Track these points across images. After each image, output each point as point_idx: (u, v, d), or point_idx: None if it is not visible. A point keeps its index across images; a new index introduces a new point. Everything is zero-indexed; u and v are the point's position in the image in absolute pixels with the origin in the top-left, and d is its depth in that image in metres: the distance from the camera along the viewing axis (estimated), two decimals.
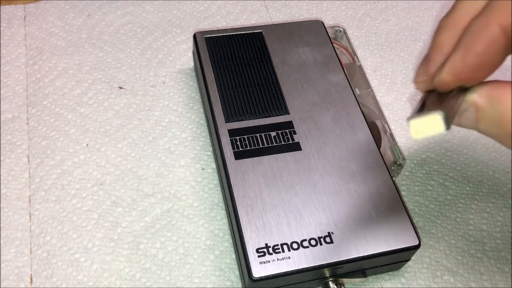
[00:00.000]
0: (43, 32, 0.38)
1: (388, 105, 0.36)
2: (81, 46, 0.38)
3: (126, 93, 0.36)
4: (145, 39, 0.39)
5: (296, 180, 0.28)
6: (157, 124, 0.34)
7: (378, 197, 0.28)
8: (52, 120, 0.34)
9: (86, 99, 0.35)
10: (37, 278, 0.28)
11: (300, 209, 0.27)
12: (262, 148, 0.29)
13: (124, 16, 0.40)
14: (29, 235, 0.29)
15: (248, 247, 0.25)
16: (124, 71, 0.37)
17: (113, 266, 0.28)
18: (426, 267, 0.29)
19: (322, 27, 0.35)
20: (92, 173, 0.32)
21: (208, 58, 0.33)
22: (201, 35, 0.34)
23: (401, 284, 0.29)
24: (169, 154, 0.33)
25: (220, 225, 0.30)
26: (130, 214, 0.30)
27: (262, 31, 0.35)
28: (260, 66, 0.33)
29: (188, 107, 0.35)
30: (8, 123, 0.33)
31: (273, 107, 0.31)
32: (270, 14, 0.41)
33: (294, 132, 0.30)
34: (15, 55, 0.37)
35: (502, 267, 0.30)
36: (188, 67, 0.37)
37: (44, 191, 0.31)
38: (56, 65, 0.37)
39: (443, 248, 0.30)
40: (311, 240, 0.26)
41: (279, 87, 0.32)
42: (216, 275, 0.28)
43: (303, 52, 0.34)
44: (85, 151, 0.33)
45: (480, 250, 0.30)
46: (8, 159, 0.32)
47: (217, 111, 0.30)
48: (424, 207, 0.32)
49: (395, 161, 0.31)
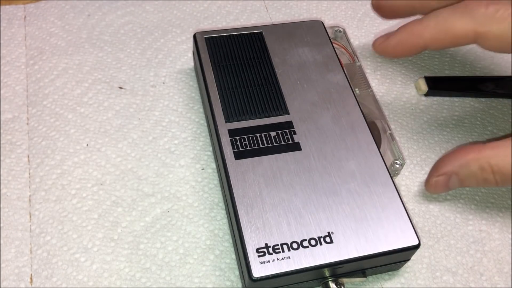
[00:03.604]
0: (43, 32, 0.38)
1: (388, 105, 0.36)
2: (81, 46, 0.38)
3: (126, 93, 0.36)
4: (145, 39, 0.39)
5: (296, 180, 0.28)
6: (157, 124, 0.34)
7: (378, 197, 0.28)
8: (52, 120, 0.34)
9: (86, 99, 0.35)
10: (37, 278, 0.28)
11: (300, 209, 0.27)
12: (262, 148, 0.29)
13: (124, 16, 0.40)
14: (29, 235, 0.29)
15: (248, 247, 0.25)
16: (124, 71, 0.37)
17: (113, 266, 0.28)
18: (426, 267, 0.29)
19: (322, 27, 0.35)
20: (92, 173, 0.32)
21: (208, 58, 0.33)
22: (201, 35, 0.34)
23: (401, 284, 0.29)
24: (169, 154, 0.33)
25: (220, 225, 0.30)
26: (130, 214, 0.30)
27: (262, 31, 0.35)
28: (260, 66, 0.33)
29: (188, 107, 0.35)
30: (8, 123, 0.34)
31: (273, 107, 0.31)
32: (270, 14, 0.41)
33: (294, 132, 0.30)
34: (15, 55, 0.37)
35: (502, 267, 0.30)
36: (188, 67, 0.37)
37: (44, 191, 0.31)
38: (56, 65, 0.37)
39: (443, 248, 0.30)
40: (311, 240, 0.26)
41: (279, 87, 0.32)
42: (216, 275, 0.28)
43: (303, 52, 0.34)
44: (85, 151, 0.33)
45: (480, 251, 0.30)
46: (8, 159, 0.32)
47: (217, 111, 0.30)
48: (424, 207, 0.32)
49: (395, 161, 0.31)
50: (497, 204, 0.32)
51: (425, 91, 0.37)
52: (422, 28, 0.28)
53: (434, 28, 0.28)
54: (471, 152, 0.27)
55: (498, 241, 0.31)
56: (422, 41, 0.28)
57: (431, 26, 0.28)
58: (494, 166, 0.26)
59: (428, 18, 0.28)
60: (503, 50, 0.27)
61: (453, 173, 0.28)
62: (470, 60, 0.39)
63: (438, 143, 0.35)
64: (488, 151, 0.27)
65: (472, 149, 0.27)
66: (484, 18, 0.26)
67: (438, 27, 0.28)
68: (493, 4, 0.26)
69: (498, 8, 0.26)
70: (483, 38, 0.27)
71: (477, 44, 0.27)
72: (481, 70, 0.39)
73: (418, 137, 0.35)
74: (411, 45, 0.29)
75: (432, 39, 0.28)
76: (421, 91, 0.37)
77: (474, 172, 0.27)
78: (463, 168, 0.27)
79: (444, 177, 0.28)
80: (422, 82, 0.37)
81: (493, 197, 0.33)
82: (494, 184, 0.27)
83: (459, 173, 0.28)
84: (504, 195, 0.33)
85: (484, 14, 0.26)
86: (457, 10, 0.27)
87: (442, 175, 0.28)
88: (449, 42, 0.28)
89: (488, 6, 0.26)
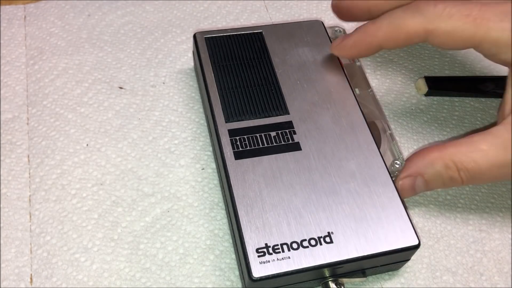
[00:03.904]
0: (43, 32, 0.38)
1: (388, 105, 0.36)
2: (81, 46, 0.38)
3: (126, 93, 0.36)
4: (145, 39, 0.39)
5: (296, 180, 0.28)
6: (157, 124, 0.34)
7: (377, 197, 0.28)
8: (52, 120, 0.34)
9: (86, 99, 0.35)
10: (37, 278, 0.28)
11: (300, 209, 0.27)
12: (262, 148, 0.29)
13: (124, 16, 0.40)
14: (29, 235, 0.29)
15: (248, 247, 0.25)
16: (124, 71, 0.37)
17: (113, 266, 0.28)
18: (426, 267, 0.29)
19: (322, 27, 0.35)
20: (92, 173, 0.32)
21: (208, 58, 0.33)
22: (201, 35, 0.34)
23: (401, 284, 0.29)
24: (169, 154, 0.33)
25: (220, 225, 0.30)
26: (130, 214, 0.30)
27: (262, 31, 0.35)
28: (260, 66, 0.33)
29: (188, 107, 0.35)
30: (8, 123, 0.34)
31: (273, 107, 0.31)
32: (270, 14, 0.41)
33: (294, 132, 0.30)
34: (15, 55, 0.37)
35: (502, 267, 0.30)
36: (188, 67, 0.37)
37: (44, 191, 0.31)
38: (56, 65, 0.37)
39: (443, 248, 0.30)
40: (311, 240, 0.26)
41: (279, 87, 0.32)
42: (216, 275, 0.28)
43: (303, 52, 0.34)
44: (85, 151, 0.33)
45: (480, 251, 0.30)
46: (8, 159, 0.32)
47: (217, 111, 0.30)
48: (424, 207, 0.32)
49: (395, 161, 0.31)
50: (497, 204, 0.32)
51: (425, 91, 0.37)
52: (376, 28, 0.30)
53: (387, 27, 0.29)
54: (434, 151, 0.28)
55: (498, 241, 0.31)
56: (377, 40, 0.30)
57: (384, 25, 0.29)
58: (458, 163, 0.27)
59: (381, 18, 0.30)
60: (451, 46, 0.29)
61: (418, 174, 0.28)
62: (470, 60, 0.39)
63: (440, 141, 0.35)
64: (450, 149, 0.27)
65: (435, 149, 0.28)
66: (433, 15, 0.28)
67: (391, 26, 0.29)
68: (441, 3, 0.28)
69: (445, 6, 0.28)
70: (432, 34, 0.28)
71: (428, 42, 0.29)
72: (481, 70, 0.39)
73: (418, 137, 0.35)
74: (366, 44, 0.30)
75: (386, 37, 0.29)
76: (421, 91, 0.37)
77: (439, 171, 0.27)
78: (428, 167, 0.28)
79: (410, 180, 0.28)
80: (422, 82, 0.37)
81: (493, 197, 0.33)
82: (460, 182, 0.27)
83: (424, 173, 0.28)
84: (504, 195, 0.33)
85: (433, 12, 0.28)
86: (408, 9, 0.29)
87: (407, 177, 0.28)
88: (402, 40, 0.29)
89: (437, 4, 0.28)
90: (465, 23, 0.27)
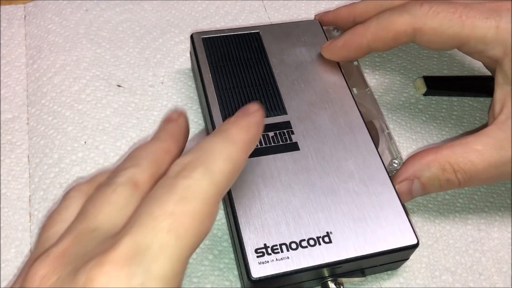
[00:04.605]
0: (42, 30, 0.38)
1: (387, 105, 0.36)
2: (78, 41, 0.38)
3: (125, 91, 0.36)
4: (144, 38, 0.39)
5: (295, 180, 0.28)
6: (156, 123, 0.34)
7: (376, 197, 0.28)
8: (50, 118, 0.34)
9: (84, 95, 0.35)
10: None
11: (298, 209, 0.27)
12: (260, 148, 0.29)
13: (122, 13, 0.40)
14: (29, 235, 0.29)
15: (247, 248, 0.25)
16: (122, 69, 0.37)
17: None
18: (425, 267, 0.29)
19: (319, 27, 0.35)
20: (90, 171, 0.32)
21: (205, 59, 0.33)
22: (198, 36, 0.34)
23: (400, 284, 0.29)
24: None
25: (219, 225, 0.30)
26: None
27: (259, 31, 0.35)
28: (258, 66, 0.33)
29: (187, 107, 0.35)
30: (8, 123, 0.34)
31: (271, 107, 0.31)
32: (269, 14, 0.41)
33: (292, 132, 0.30)
34: (15, 55, 0.37)
35: (501, 267, 0.30)
36: (186, 67, 0.37)
37: (43, 190, 0.31)
38: (54, 62, 0.36)
39: (442, 248, 0.30)
40: (309, 240, 0.26)
41: (277, 87, 0.32)
42: (215, 275, 0.28)
43: (300, 52, 0.34)
44: (83, 148, 0.33)
45: (479, 250, 0.30)
46: (8, 159, 0.32)
47: (215, 111, 0.30)
48: (423, 206, 0.32)
49: (393, 160, 0.31)
50: (496, 204, 0.32)
51: (423, 91, 0.37)
52: (365, 28, 0.31)
53: (376, 27, 0.30)
54: (430, 154, 0.28)
55: (497, 241, 0.31)
56: (366, 40, 0.31)
57: (372, 25, 0.31)
58: (455, 165, 0.27)
59: (370, 20, 0.31)
60: (438, 45, 0.29)
61: (414, 177, 0.28)
62: (469, 59, 0.39)
63: (437, 143, 0.35)
64: (445, 151, 0.28)
65: (430, 151, 0.28)
66: (420, 14, 0.29)
67: (380, 25, 0.30)
68: (427, 3, 0.29)
69: (431, 5, 0.29)
70: (420, 32, 0.29)
71: (416, 41, 0.30)
72: (480, 69, 0.39)
73: (417, 137, 0.35)
74: (355, 45, 0.31)
75: (374, 37, 0.30)
76: (420, 90, 0.37)
77: (435, 174, 0.28)
78: (424, 170, 0.28)
79: (407, 183, 0.28)
80: (420, 82, 0.37)
81: (492, 196, 0.33)
82: (457, 184, 0.27)
83: (420, 176, 0.28)
84: (503, 194, 0.33)
85: (419, 11, 0.29)
86: (396, 10, 0.30)
87: (403, 181, 0.28)
88: (391, 39, 0.30)
89: (423, 4, 0.29)
90: (451, 20, 0.28)
